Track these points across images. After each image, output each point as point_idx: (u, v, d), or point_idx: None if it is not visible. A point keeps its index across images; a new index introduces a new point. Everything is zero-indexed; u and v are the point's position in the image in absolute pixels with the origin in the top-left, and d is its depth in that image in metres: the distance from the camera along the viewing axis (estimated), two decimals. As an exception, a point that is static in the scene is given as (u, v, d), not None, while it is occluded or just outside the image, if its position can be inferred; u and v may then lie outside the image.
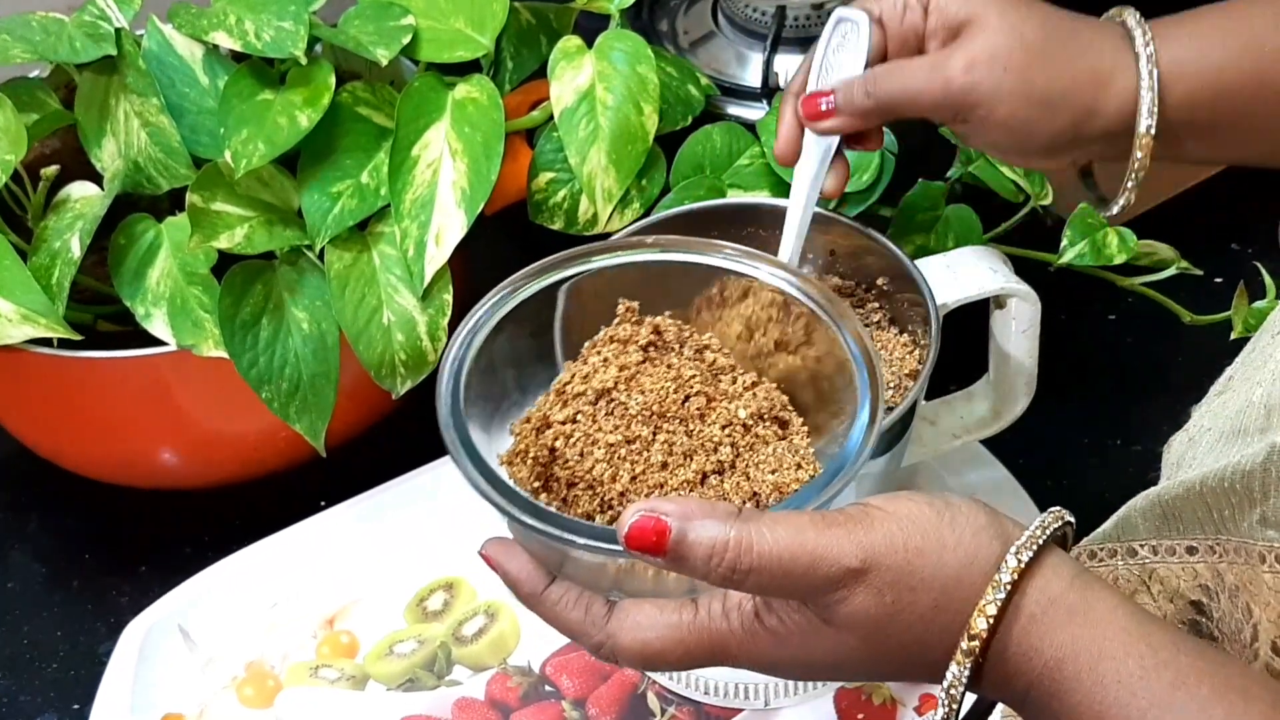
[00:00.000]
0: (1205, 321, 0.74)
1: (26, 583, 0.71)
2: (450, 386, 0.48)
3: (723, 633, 0.43)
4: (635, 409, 0.49)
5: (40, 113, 0.69)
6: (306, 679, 0.65)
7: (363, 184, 0.66)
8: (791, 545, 0.40)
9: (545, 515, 0.44)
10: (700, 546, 0.40)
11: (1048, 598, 0.40)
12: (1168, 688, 0.38)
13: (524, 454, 0.50)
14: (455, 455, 0.46)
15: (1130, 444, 0.72)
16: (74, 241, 0.64)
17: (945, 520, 0.41)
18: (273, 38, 0.65)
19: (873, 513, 0.41)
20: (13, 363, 0.65)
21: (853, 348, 0.49)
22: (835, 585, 0.40)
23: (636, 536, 0.40)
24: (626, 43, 0.70)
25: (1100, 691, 0.39)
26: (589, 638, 0.44)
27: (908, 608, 0.40)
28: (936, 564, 0.40)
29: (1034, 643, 0.40)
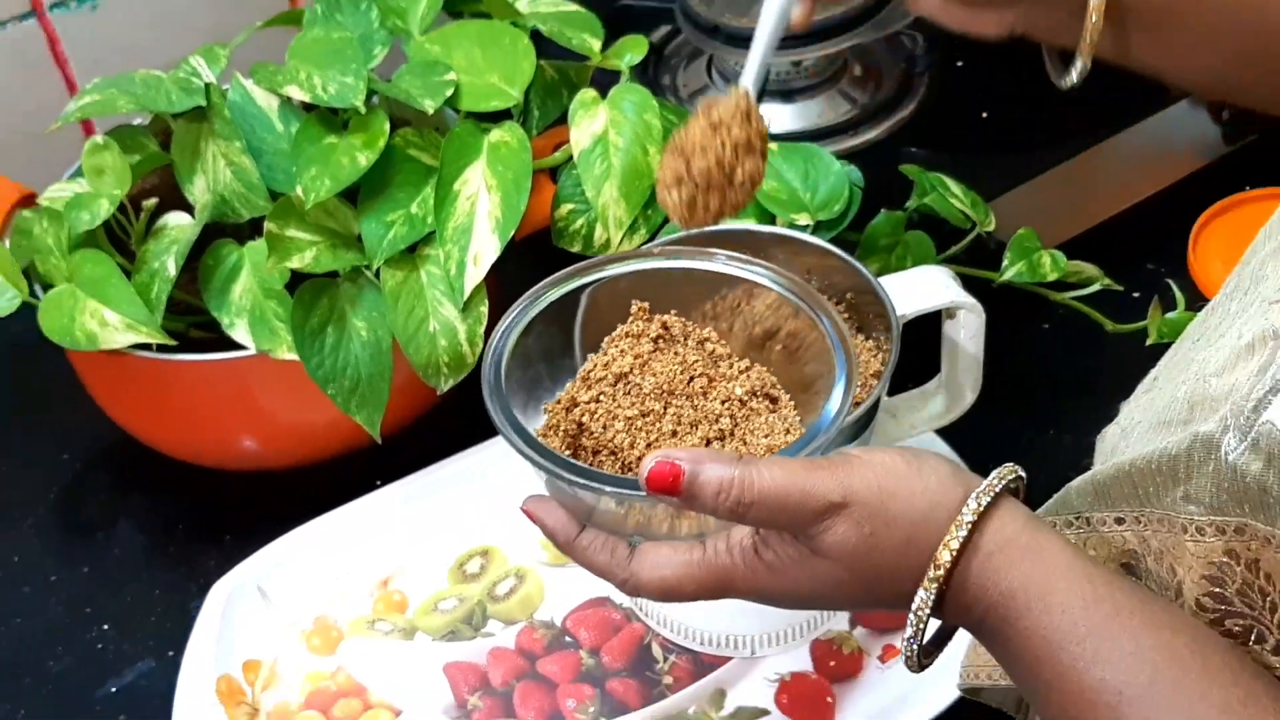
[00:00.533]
0: (1125, 330, 0.74)
1: (129, 550, 0.72)
2: (493, 372, 0.49)
3: (727, 567, 0.43)
4: (648, 389, 0.50)
5: (142, 154, 0.69)
6: (364, 631, 0.65)
7: (412, 214, 0.67)
8: (785, 482, 0.40)
9: (579, 470, 0.45)
10: (710, 485, 0.40)
11: (1003, 537, 0.40)
12: (1105, 618, 0.38)
13: (556, 428, 0.51)
14: (500, 426, 0.47)
15: (1061, 434, 0.72)
16: (170, 262, 0.65)
17: (914, 468, 0.41)
18: (337, 91, 0.66)
19: (852, 459, 0.41)
20: (119, 364, 0.65)
21: (830, 331, 0.49)
22: (821, 516, 0.40)
23: (655, 479, 0.41)
24: (635, 95, 0.71)
25: (1047, 619, 0.39)
26: (615, 576, 0.45)
27: (883, 540, 0.41)
28: (907, 504, 0.41)
29: (990, 576, 0.40)
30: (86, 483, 0.75)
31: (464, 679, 0.63)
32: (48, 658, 0.67)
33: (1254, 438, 0.36)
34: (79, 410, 0.73)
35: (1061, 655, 0.39)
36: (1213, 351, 0.42)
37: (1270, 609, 0.37)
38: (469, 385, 0.67)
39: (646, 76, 0.87)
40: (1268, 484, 0.35)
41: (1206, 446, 0.38)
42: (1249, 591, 0.38)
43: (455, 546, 0.68)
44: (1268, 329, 0.38)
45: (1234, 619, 0.39)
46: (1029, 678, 0.40)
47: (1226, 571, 0.38)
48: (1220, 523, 0.38)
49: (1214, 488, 0.38)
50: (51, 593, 0.70)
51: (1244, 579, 0.38)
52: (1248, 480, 0.36)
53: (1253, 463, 0.36)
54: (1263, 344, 0.38)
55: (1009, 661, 0.41)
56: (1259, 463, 0.35)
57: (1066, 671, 0.38)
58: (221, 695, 0.63)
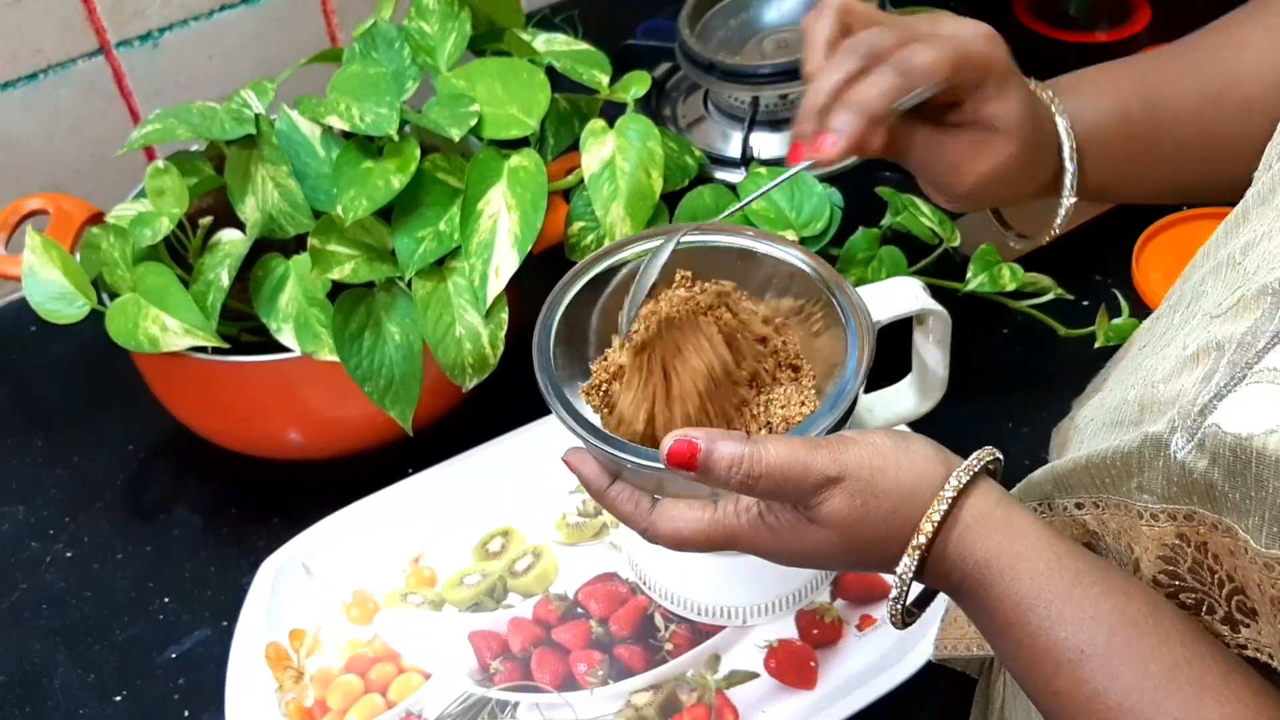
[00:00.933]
0: (1075, 334, 0.74)
1: (187, 530, 0.71)
2: (542, 340, 0.49)
3: (734, 526, 0.43)
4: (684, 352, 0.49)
5: (198, 177, 0.69)
6: (397, 603, 0.65)
7: (440, 230, 0.67)
8: (788, 458, 0.40)
9: (609, 440, 0.45)
10: (722, 461, 0.40)
11: (980, 511, 0.40)
12: (1069, 585, 0.39)
13: (598, 387, 0.50)
14: (546, 395, 0.47)
15: (1020, 427, 0.72)
16: (224, 274, 0.65)
17: (902, 448, 0.42)
18: (373, 120, 0.66)
19: (847, 439, 0.42)
20: (178, 365, 0.65)
21: (845, 308, 0.49)
22: (819, 489, 0.41)
23: (675, 456, 0.41)
24: (639, 124, 0.70)
25: (1017, 585, 0.39)
26: (637, 524, 0.45)
27: (872, 511, 0.41)
28: (894, 480, 0.41)
29: (968, 545, 0.40)
30: (149, 471, 0.75)
31: (487, 646, 0.63)
32: (115, 627, 0.67)
33: (1200, 439, 0.36)
34: (142, 406, 0.73)
35: (1029, 617, 0.39)
36: (1159, 360, 0.42)
37: (1219, 585, 0.37)
38: (491, 383, 0.67)
39: (649, 108, 0.86)
40: (1213, 479, 0.35)
41: (1156, 445, 0.38)
42: (1199, 569, 0.38)
43: (479, 527, 0.68)
44: (1210, 341, 0.38)
45: (1187, 593, 0.39)
46: (1000, 638, 0.40)
47: (1179, 552, 0.38)
48: (1171, 509, 0.38)
49: (1165, 481, 0.38)
50: (118, 569, 0.69)
51: (1194, 559, 0.38)
52: (1194, 476, 0.36)
53: (1199, 460, 0.36)
54: (1206, 354, 0.38)
55: (982, 623, 0.41)
56: (1204, 460, 0.35)
57: (1034, 632, 0.38)
58: (270, 660, 0.62)
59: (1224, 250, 0.42)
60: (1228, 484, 0.35)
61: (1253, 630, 0.37)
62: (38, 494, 0.73)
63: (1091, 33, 0.99)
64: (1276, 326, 0.36)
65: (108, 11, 0.83)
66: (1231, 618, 0.37)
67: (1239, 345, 0.36)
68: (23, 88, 0.83)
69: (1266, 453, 0.33)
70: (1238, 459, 0.34)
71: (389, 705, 0.61)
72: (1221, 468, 0.35)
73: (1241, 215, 0.42)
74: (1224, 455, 0.34)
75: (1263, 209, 0.41)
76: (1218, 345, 0.37)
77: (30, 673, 0.65)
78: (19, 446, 0.76)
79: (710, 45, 0.82)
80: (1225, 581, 0.37)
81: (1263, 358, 0.35)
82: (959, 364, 0.63)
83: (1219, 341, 0.37)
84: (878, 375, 0.61)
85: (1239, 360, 0.36)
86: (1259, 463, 0.33)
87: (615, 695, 0.60)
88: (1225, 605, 0.37)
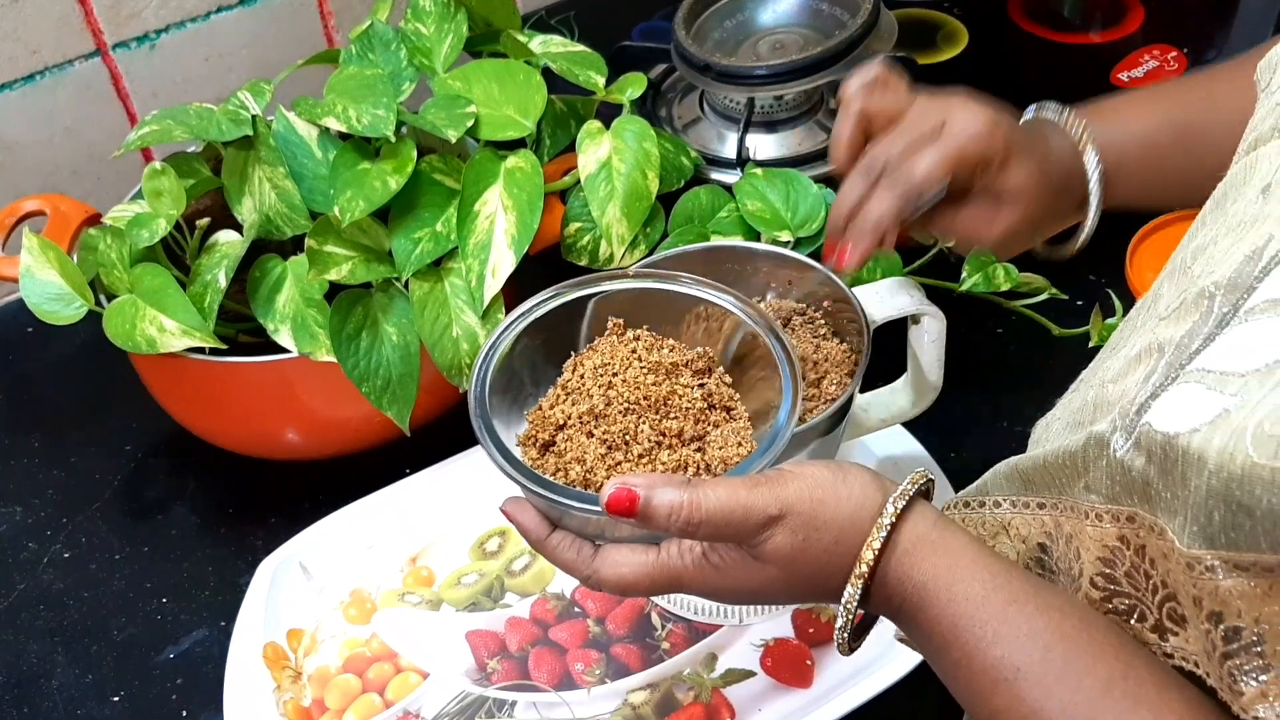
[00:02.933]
0: (1069, 334, 0.74)
1: (185, 531, 0.71)
2: (479, 387, 0.48)
3: (678, 568, 0.43)
4: (616, 399, 0.49)
5: (195, 178, 0.69)
6: (395, 602, 0.65)
7: (437, 231, 0.67)
8: (729, 502, 0.41)
9: (548, 485, 0.44)
10: (662, 508, 0.40)
11: (917, 534, 0.41)
12: (1003, 604, 0.39)
13: (534, 438, 0.50)
14: (481, 440, 0.46)
15: (1013, 426, 0.72)
16: (221, 275, 0.65)
17: (839, 478, 0.42)
18: (370, 122, 0.66)
19: (786, 475, 0.42)
20: (175, 365, 0.65)
21: (781, 357, 0.49)
22: (761, 528, 0.41)
23: (614, 504, 0.41)
24: (635, 125, 0.71)
25: (953, 606, 0.40)
26: (579, 572, 0.45)
27: (814, 544, 0.41)
28: (834, 511, 0.41)
29: (907, 570, 0.40)
30: (147, 471, 0.75)
31: (484, 645, 0.63)
32: (113, 627, 0.67)
33: (1136, 437, 0.36)
34: (139, 407, 0.73)
35: (966, 637, 0.39)
36: (1114, 360, 0.42)
37: (1152, 590, 0.38)
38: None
39: (645, 109, 0.86)
40: (1149, 478, 0.36)
41: (1099, 444, 0.38)
42: (1135, 574, 0.38)
43: (476, 527, 0.68)
44: (1154, 342, 0.39)
45: (1120, 598, 0.39)
46: (940, 659, 0.41)
47: (1118, 555, 0.39)
48: (1115, 510, 0.38)
49: (1108, 480, 0.38)
50: (116, 569, 0.69)
51: (1132, 562, 0.38)
52: (1133, 474, 0.37)
53: (1136, 459, 0.36)
54: (1149, 355, 0.38)
55: (923, 644, 0.42)
56: (1141, 459, 0.36)
57: (971, 651, 0.39)
58: (268, 660, 0.62)
59: (1179, 256, 0.42)
60: (1161, 483, 0.35)
61: (1180, 638, 0.37)
62: (35, 494, 0.73)
63: (1085, 34, 1.00)
64: (1210, 329, 0.36)
65: (105, 13, 0.83)
66: (1161, 625, 0.38)
67: (1176, 346, 0.37)
68: (20, 89, 0.83)
69: (1190, 451, 0.33)
70: (1167, 457, 0.34)
71: (387, 704, 0.61)
72: (1155, 466, 0.35)
73: (1200, 221, 0.43)
74: (1156, 454, 0.35)
75: (1215, 214, 0.41)
76: (1159, 346, 0.38)
77: (28, 673, 0.65)
78: (17, 447, 0.76)
79: (706, 47, 0.82)
80: (1159, 588, 0.37)
81: (1195, 358, 0.36)
82: (954, 363, 0.63)
83: (1160, 343, 0.38)
84: (873, 375, 0.62)
85: (1175, 361, 0.36)
86: (1184, 461, 0.34)
87: (612, 694, 0.60)
88: (1157, 612, 0.38)
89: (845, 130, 0.57)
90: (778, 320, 0.54)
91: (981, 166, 0.55)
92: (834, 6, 0.83)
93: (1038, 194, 0.56)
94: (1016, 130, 0.56)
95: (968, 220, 0.57)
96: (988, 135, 0.54)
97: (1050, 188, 0.56)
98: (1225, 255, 0.38)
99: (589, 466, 0.48)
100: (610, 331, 0.52)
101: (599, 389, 0.49)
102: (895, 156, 0.55)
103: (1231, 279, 0.37)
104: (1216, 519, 0.33)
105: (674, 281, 0.52)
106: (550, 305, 0.51)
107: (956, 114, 0.55)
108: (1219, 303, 0.37)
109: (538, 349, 0.51)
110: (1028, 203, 0.55)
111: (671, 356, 0.51)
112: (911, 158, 0.54)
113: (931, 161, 0.54)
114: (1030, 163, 0.55)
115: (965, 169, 0.55)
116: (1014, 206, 0.55)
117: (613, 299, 0.52)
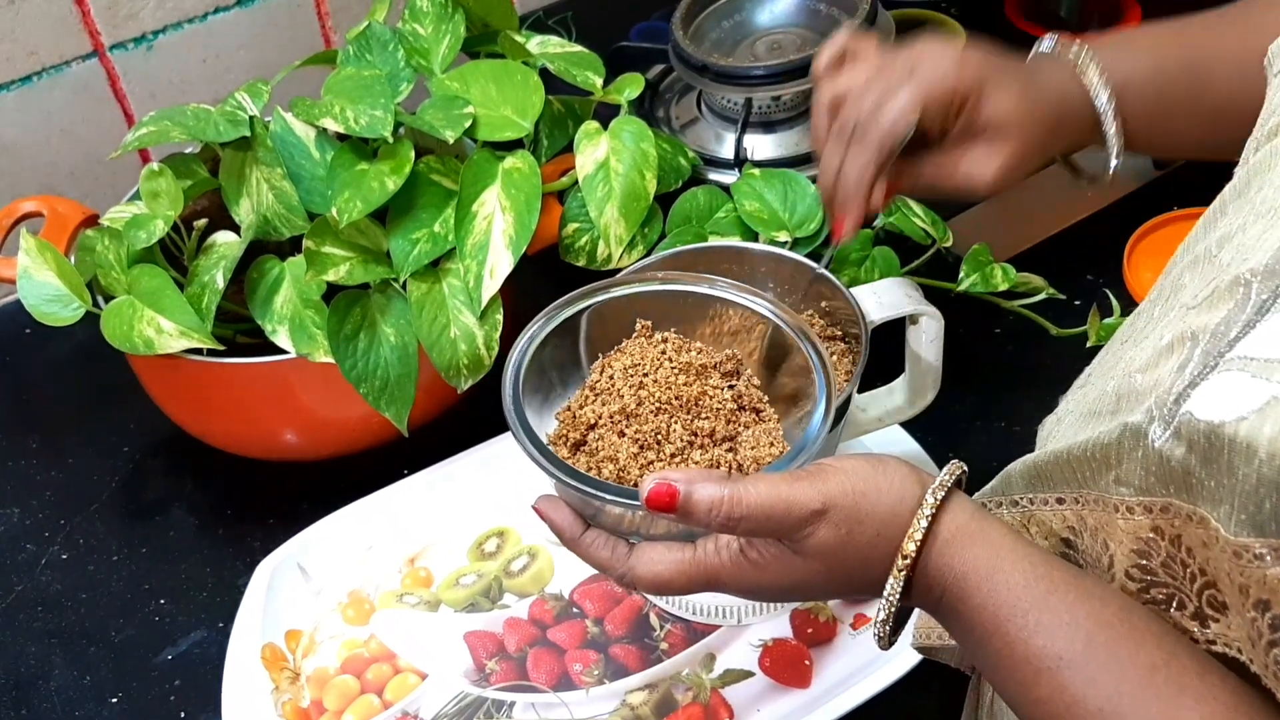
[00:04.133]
0: (1067, 334, 0.74)
1: (183, 532, 0.71)
2: (512, 384, 0.48)
3: (715, 565, 0.43)
4: (646, 400, 0.49)
5: (193, 179, 0.69)
6: (394, 603, 0.65)
7: (435, 232, 0.67)
8: (770, 497, 0.40)
9: (588, 480, 0.44)
10: (703, 503, 0.40)
11: (957, 525, 0.41)
12: (1044, 593, 0.39)
13: (565, 437, 0.50)
14: (517, 436, 0.46)
15: (1011, 426, 0.72)
16: (219, 276, 0.65)
17: (879, 471, 0.42)
18: (367, 122, 0.66)
19: (826, 468, 0.42)
20: (173, 367, 0.65)
21: (814, 357, 0.49)
22: (804, 524, 0.41)
23: (654, 499, 0.40)
24: (633, 126, 0.71)
25: (995, 596, 0.39)
26: (614, 570, 0.44)
27: (857, 537, 0.41)
28: (875, 503, 0.41)
29: (948, 560, 0.40)
30: (145, 473, 0.75)
31: (483, 646, 0.63)
32: (111, 629, 0.67)
33: (1176, 426, 0.36)
34: (137, 408, 0.73)
35: (1008, 627, 0.39)
36: (1138, 351, 0.42)
37: (1190, 579, 0.37)
38: (486, 384, 0.67)
39: (643, 109, 0.86)
40: (1190, 467, 0.35)
41: (1135, 435, 0.38)
42: (1172, 564, 0.38)
43: (474, 528, 0.68)
44: (1186, 331, 0.38)
45: (1158, 588, 0.39)
46: (981, 649, 0.40)
47: (1152, 545, 0.38)
48: (1148, 502, 0.38)
49: (1142, 471, 0.38)
50: (114, 570, 0.69)
51: (1167, 552, 0.38)
52: (1172, 464, 0.36)
53: (1176, 449, 0.36)
54: (1181, 344, 0.38)
55: (962, 635, 0.41)
56: (1181, 448, 0.36)
57: (1013, 641, 0.39)
58: (266, 661, 0.62)
59: (1201, 244, 0.42)
60: (1204, 471, 0.35)
61: (1222, 625, 0.37)
62: (33, 496, 0.73)
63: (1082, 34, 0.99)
64: (1249, 316, 0.36)
65: (102, 14, 0.83)
66: (1201, 613, 0.37)
67: (1212, 335, 0.37)
68: (17, 90, 0.82)
69: (1237, 439, 0.33)
70: (1211, 446, 0.34)
71: (385, 705, 0.61)
72: (1198, 455, 0.35)
73: (1219, 209, 0.42)
74: (1199, 443, 0.35)
75: (1239, 203, 0.41)
76: (1192, 335, 0.38)
77: (26, 675, 0.65)
78: (14, 449, 0.76)
79: (703, 47, 0.82)
80: (1197, 575, 0.37)
81: (1234, 346, 0.35)
82: (951, 364, 0.63)
83: (1194, 331, 0.38)
84: (871, 375, 0.62)
85: (1212, 349, 0.36)
86: (1230, 450, 0.33)
87: (611, 695, 0.60)
88: (1196, 600, 0.37)
89: (820, 124, 0.57)
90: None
91: (957, 103, 0.54)
92: (831, 6, 0.83)
93: (1024, 124, 0.54)
94: (989, 63, 0.55)
95: (960, 164, 0.55)
96: (956, 70, 0.54)
97: (1039, 117, 0.55)
98: (1257, 242, 0.38)
99: (622, 465, 0.48)
100: (638, 333, 0.52)
101: (630, 389, 0.49)
102: (865, 113, 0.54)
103: (1269, 265, 0.36)
104: (1268, 507, 0.32)
105: (707, 284, 0.52)
106: (577, 307, 0.51)
107: (922, 57, 0.54)
108: (1256, 289, 0.36)
109: (568, 349, 0.51)
110: (1016, 134, 0.54)
111: (700, 358, 0.51)
112: (879, 110, 0.54)
113: (899, 104, 0.53)
114: (1010, 92, 0.54)
115: (938, 107, 0.54)
116: (1003, 141, 0.54)
117: (642, 299, 0.52)
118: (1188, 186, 0.83)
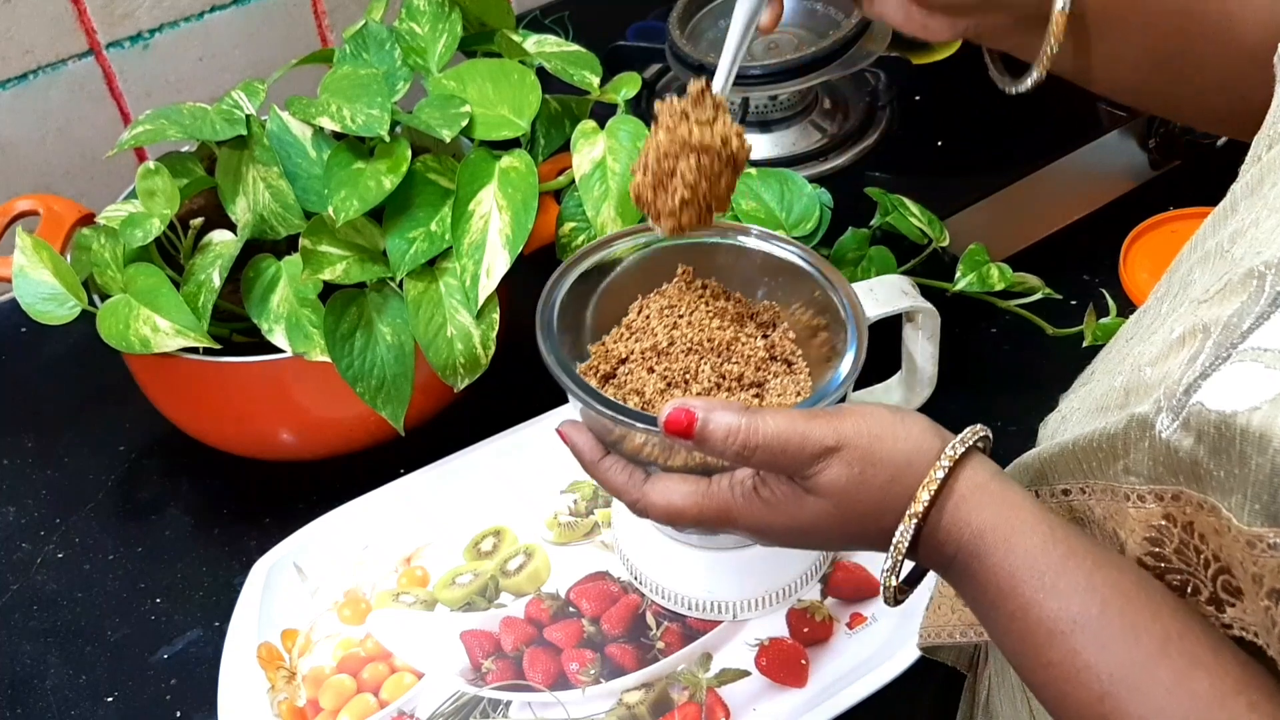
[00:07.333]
0: (1063, 333, 0.75)
1: (179, 531, 0.71)
2: (545, 314, 0.49)
3: (728, 500, 0.43)
4: (679, 340, 0.49)
5: (189, 178, 0.69)
6: (390, 603, 0.65)
7: (432, 231, 0.67)
8: (786, 429, 0.40)
9: (612, 405, 0.45)
10: (719, 430, 0.40)
11: (974, 483, 0.41)
12: (1061, 558, 0.39)
13: (595, 368, 0.50)
14: (544, 352, 0.47)
15: (1007, 425, 0.72)
16: (215, 275, 0.65)
17: (898, 419, 0.42)
18: (364, 121, 0.66)
19: (844, 409, 0.42)
20: (169, 366, 0.65)
21: (845, 306, 0.49)
22: (816, 459, 0.41)
23: (672, 424, 0.41)
24: (629, 125, 0.71)
25: (1012, 557, 0.39)
26: (628, 495, 0.45)
27: (870, 480, 0.41)
28: (891, 449, 0.41)
29: (964, 516, 0.40)
30: (140, 472, 0.75)
31: (479, 645, 0.63)
32: (107, 628, 0.67)
33: (1185, 417, 0.36)
34: (133, 407, 0.73)
35: (1023, 589, 0.39)
36: (1147, 346, 0.42)
37: (1204, 565, 0.37)
38: (483, 383, 0.67)
39: (640, 109, 0.86)
40: (1198, 457, 0.35)
41: (1142, 425, 0.38)
42: (1185, 550, 0.38)
43: (471, 527, 0.68)
44: (1197, 324, 0.38)
45: (1172, 574, 0.39)
46: (993, 611, 0.40)
47: (1165, 533, 0.38)
48: (1158, 490, 0.38)
49: (1150, 461, 0.38)
50: (110, 570, 0.69)
51: (1180, 539, 0.38)
52: (1180, 454, 0.36)
53: (1184, 439, 0.36)
54: (1193, 337, 0.38)
55: (974, 596, 0.41)
56: (1190, 439, 0.36)
57: (1027, 604, 0.38)
58: (262, 661, 0.62)
59: (1212, 240, 0.42)
60: (1212, 462, 0.35)
61: (1238, 609, 0.37)
62: (28, 495, 0.73)
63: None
64: (1262, 307, 0.36)
65: (98, 12, 0.83)
66: (1217, 598, 0.37)
67: (1225, 327, 0.37)
68: (12, 89, 0.82)
69: (1250, 429, 0.33)
70: (1222, 436, 0.34)
71: (381, 705, 0.61)
72: (1206, 445, 0.35)
73: (1230, 207, 0.42)
74: (1209, 433, 0.35)
75: (1251, 199, 0.41)
76: (1204, 328, 0.38)
77: (21, 674, 0.65)
78: (10, 447, 0.76)
79: (700, 47, 0.82)
80: (1211, 561, 0.37)
81: (1248, 337, 0.35)
82: (947, 363, 0.64)
83: (1205, 324, 0.38)
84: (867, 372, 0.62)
85: (1224, 341, 0.36)
86: (1242, 439, 0.33)
87: (607, 694, 0.60)
88: (1211, 586, 0.37)
89: None
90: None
91: None
92: (828, 7, 0.83)
93: None
94: None
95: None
96: None
97: None
98: (1272, 235, 0.38)
99: (648, 399, 0.48)
100: (679, 278, 0.52)
101: (664, 328, 0.50)
102: None
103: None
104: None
105: (743, 234, 0.52)
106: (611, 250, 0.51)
107: None
108: (1270, 282, 0.36)
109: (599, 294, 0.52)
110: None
111: (738, 307, 0.51)
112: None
113: None
114: None
115: None
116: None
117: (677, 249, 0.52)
118: (1183, 187, 0.84)
